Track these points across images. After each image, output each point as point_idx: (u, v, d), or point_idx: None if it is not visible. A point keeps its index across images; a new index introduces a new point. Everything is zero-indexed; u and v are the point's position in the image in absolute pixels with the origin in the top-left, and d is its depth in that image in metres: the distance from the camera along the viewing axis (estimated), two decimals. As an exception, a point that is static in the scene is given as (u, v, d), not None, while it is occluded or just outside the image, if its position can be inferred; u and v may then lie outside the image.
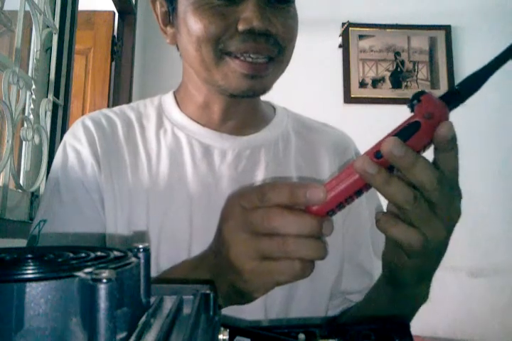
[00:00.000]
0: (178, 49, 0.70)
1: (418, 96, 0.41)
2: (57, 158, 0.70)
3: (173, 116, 0.72)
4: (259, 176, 0.69)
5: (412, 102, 0.41)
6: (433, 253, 0.46)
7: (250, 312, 0.63)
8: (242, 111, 0.70)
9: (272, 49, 0.61)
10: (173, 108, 0.73)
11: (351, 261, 0.70)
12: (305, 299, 0.67)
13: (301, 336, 0.43)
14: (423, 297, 0.54)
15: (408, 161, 0.40)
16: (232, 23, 0.60)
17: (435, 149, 0.42)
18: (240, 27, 0.59)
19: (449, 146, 0.41)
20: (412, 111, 0.41)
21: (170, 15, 0.67)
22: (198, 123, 0.71)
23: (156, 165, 0.68)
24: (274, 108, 0.78)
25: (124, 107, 0.76)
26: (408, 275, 0.49)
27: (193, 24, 0.61)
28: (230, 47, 0.60)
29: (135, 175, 0.67)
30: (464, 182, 0.43)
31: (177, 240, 0.64)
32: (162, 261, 0.62)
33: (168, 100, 0.75)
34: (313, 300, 0.68)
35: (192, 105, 0.71)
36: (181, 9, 0.64)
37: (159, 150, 0.69)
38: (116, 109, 0.75)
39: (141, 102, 0.77)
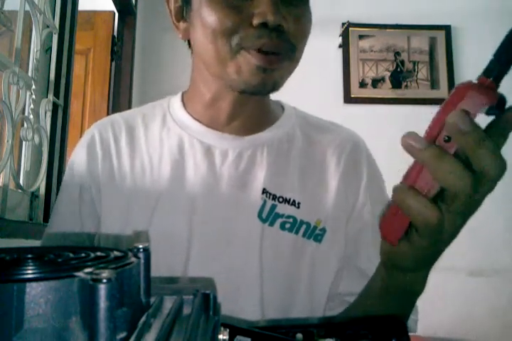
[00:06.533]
0: (189, 45, 0.70)
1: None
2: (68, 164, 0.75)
3: (178, 116, 0.73)
4: (260, 176, 0.68)
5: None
6: (444, 239, 0.43)
7: (247, 314, 0.63)
8: (250, 110, 0.70)
9: (285, 45, 0.61)
10: (179, 108, 0.74)
11: (350, 263, 0.69)
12: (303, 302, 0.66)
13: (299, 335, 0.43)
14: (418, 289, 0.51)
15: (474, 139, 0.36)
16: (246, 17, 0.60)
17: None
18: (255, 21, 0.59)
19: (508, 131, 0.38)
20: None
21: (183, 10, 0.67)
22: (201, 123, 0.71)
23: (157, 165, 0.69)
24: (283, 107, 0.78)
25: (135, 109, 0.79)
26: (411, 257, 0.45)
27: (208, 16, 0.61)
28: (245, 43, 0.60)
29: (134, 177, 0.68)
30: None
31: (175, 240, 0.65)
32: (159, 262, 0.61)
33: (176, 100, 0.75)
34: (312, 302, 0.67)
35: (198, 104, 0.71)
36: (196, 2, 0.64)
37: (162, 150, 0.70)
38: (128, 111, 0.79)
39: (152, 104, 0.78)
